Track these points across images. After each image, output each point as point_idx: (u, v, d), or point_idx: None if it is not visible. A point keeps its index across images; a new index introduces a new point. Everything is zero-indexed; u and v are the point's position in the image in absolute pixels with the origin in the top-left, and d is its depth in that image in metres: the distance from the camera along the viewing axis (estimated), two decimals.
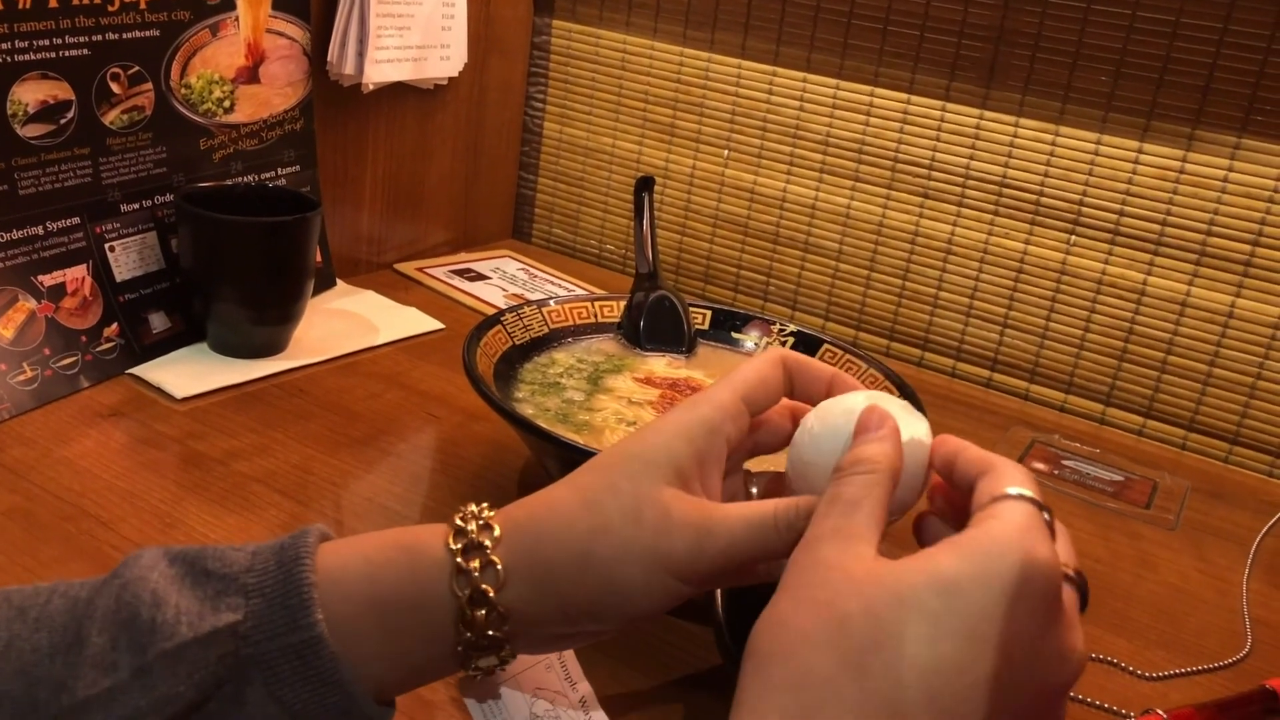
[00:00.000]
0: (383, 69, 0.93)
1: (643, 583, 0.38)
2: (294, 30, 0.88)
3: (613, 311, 0.79)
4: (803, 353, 0.73)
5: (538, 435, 0.57)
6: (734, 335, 0.79)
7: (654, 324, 0.77)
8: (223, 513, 0.63)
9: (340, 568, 0.38)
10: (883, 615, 0.32)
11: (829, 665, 0.32)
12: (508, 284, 1.06)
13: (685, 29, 1.07)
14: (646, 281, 0.79)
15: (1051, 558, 0.33)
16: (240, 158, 0.87)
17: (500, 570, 0.38)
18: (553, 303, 0.76)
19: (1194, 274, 0.89)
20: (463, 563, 0.38)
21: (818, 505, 0.37)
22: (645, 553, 0.38)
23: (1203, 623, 0.66)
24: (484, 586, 0.38)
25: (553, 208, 1.21)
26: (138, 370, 0.77)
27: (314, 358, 0.83)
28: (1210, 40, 0.85)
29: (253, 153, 0.88)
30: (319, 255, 0.85)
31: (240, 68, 0.85)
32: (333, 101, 0.94)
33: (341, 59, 0.91)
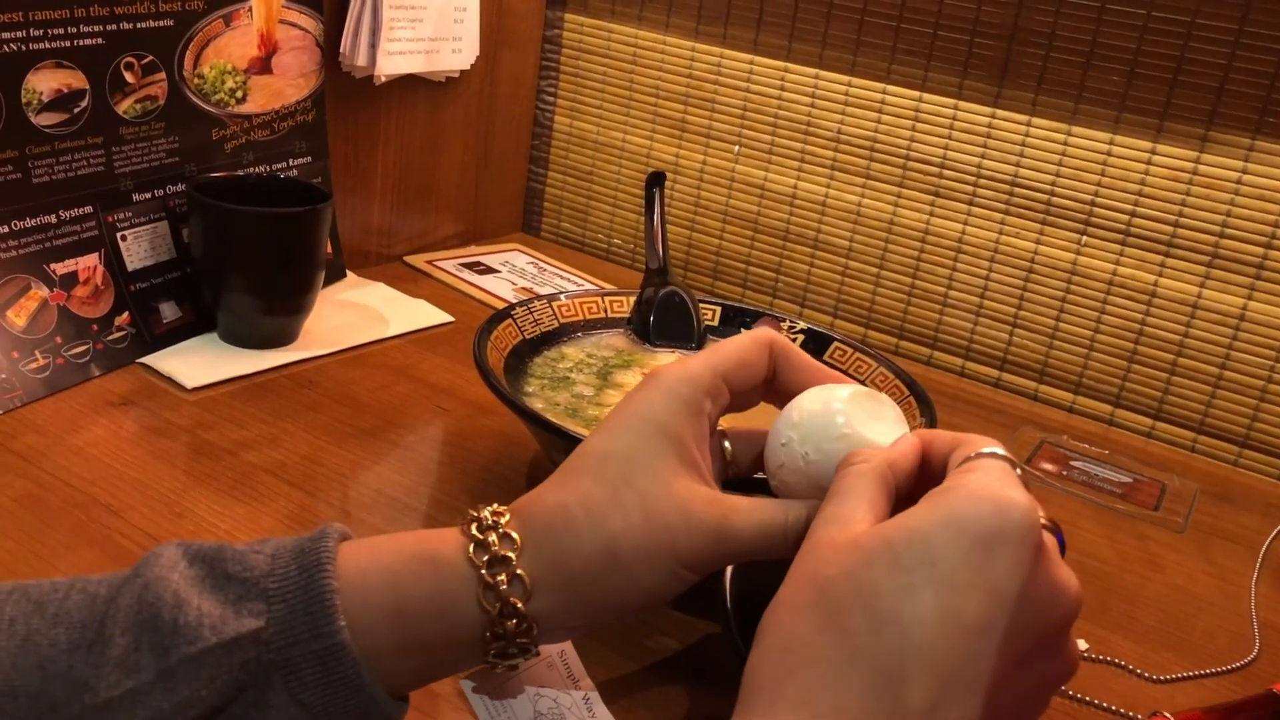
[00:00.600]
0: (395, 61, 0.93)
1: (663, 578, 0.40)
2: (307, 21, 0.88)
3: (622, 307, 0.79)
4: (812, 351, 0.73)
5: (549, 430, 0.57)
6: (744, 332, 0.79)
7: (664, 320, 0.77)
8: (231, 503, 0.63)
9: (360, 575, 0.38)
10: (859, 573, 0.33)
11: (811, 628, 0.33)
12: (517, 278, 1.06)
13: (698, 24, 1.07)
14: (656, 277, 0.79)
15: (1027, 501, 0.34)
16: (252, 148, 0.87)
17: (527, 582, 0.39)
18: (563, 297, 0.76)
19: (1206, 276, 0.89)
20: (489, 577, 0.38)
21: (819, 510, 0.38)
22: (665, 552, 0.40)
23: (1211, 626, 0.66)
24: (513, 599, 0.38)
25: (562, 201, 1.21)
26: (148, 359, 0.78)
27: (323, 349, 0.83)
28: (1225, 41, 0.84)
29: (264, 143, 0.88)
30: (329, 247, 0.85)
31: (253, 58, 0.85)
32: (344, 93, 0.94)
33: (354, 50, 0.91)
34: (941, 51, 0.95)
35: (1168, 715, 0.53)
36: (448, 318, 0.93)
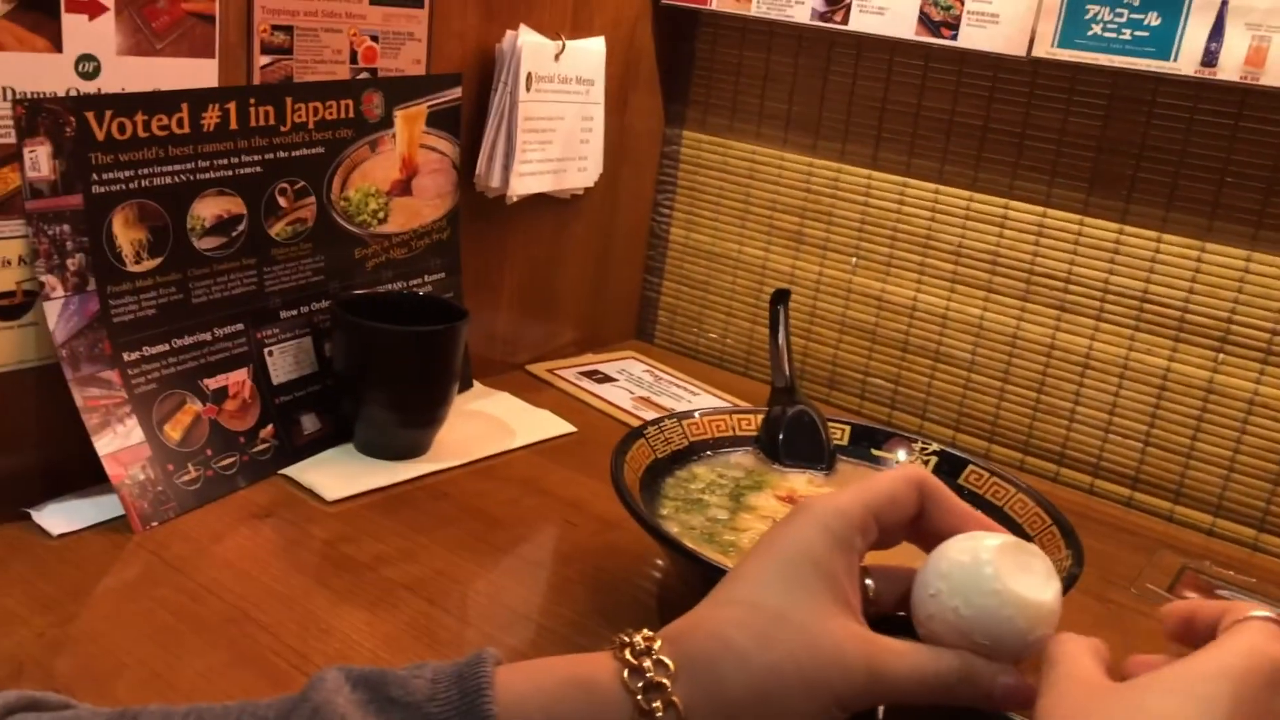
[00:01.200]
0: (526, 181, 0.97)
1: (814, 714, 0.40)
2: (445, 145, 0.92)
3: (750, 425, 0.79)
4: (946, 473, 0.72)
5: (696, 562, 0.57)
6: (874, 452, 0.78)
7: (793, 439, 0.77)
8: (374, 620, 0.64)
9: (518, 702, 0.39)
10: (1146, 704, 0.35)
11: None
12: (634, 386, 1.07)
13: (815, 140, 1.09)
14: (784, 395, 0.80)
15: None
16: (391, 266, 0.90)
17: (681, 709, 0.39)
18: (697, 415, 0.77)
19: None
20: (644, 703, 0.39)
21: (1043, 673, 0.39)
22: (821, 690, 0.40)
23: None
24: None
25: (676, 310, 1.23)
26: (289, 471, 0.80)
27: (455, 460, 0.85)
28: None
29: (402, 261, 0.91)
30: None
31: (395, 181, 0.89)
32: (477, 212, 0.98)
33: (489, 172, 0.94)
34: (1065, 168, 0.95)
35: None
36: (571, 428, 0.94)
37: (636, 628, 0.43)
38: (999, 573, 0.41)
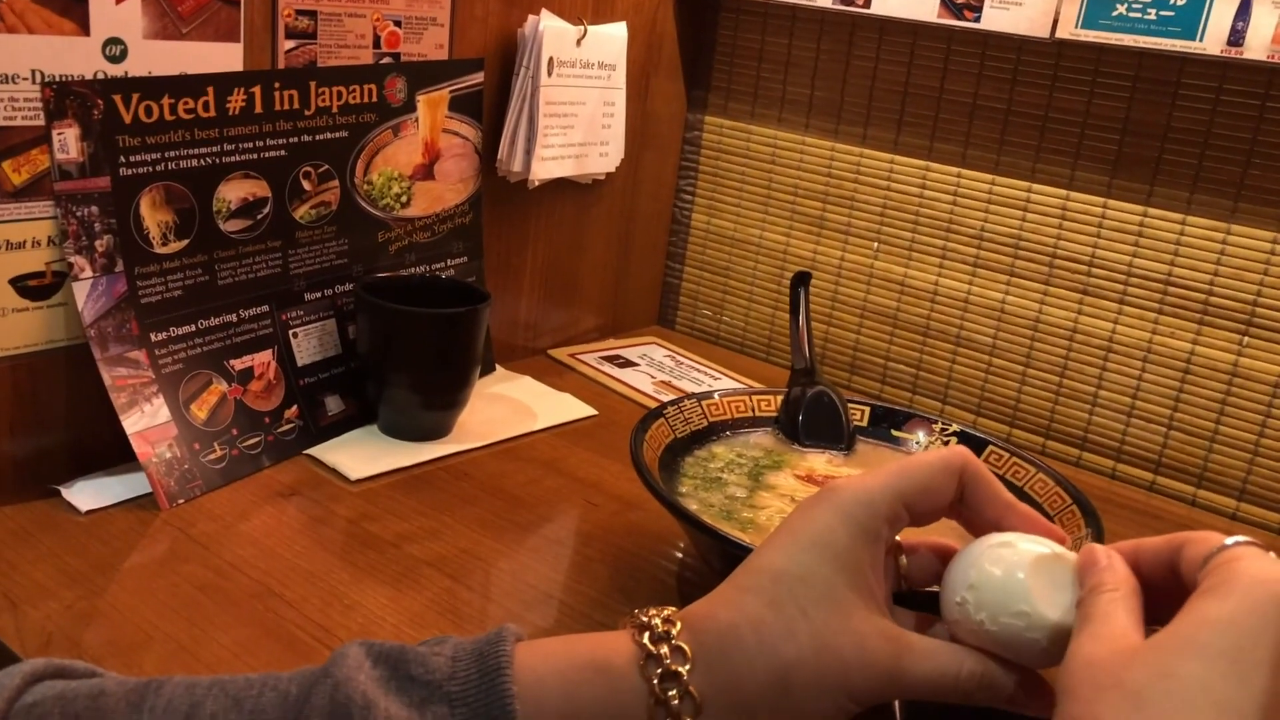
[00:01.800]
0: (548, 166, 0.97)
1: (830, 710, 0.40)
2: (467, 130, 0.93)
3: (770, 406, 0.79)
4: None
5: (713, 537, 0.58)
6: (894, 433, 0.78)
7: (812, 420, 0.77)
8: (397, 595, 0.65)
9: (537, 682, 0.39)
10: (1174, 668, 0.33)
11: None
12: (656, 371, 1.08)
13: (838, 125, 1.09)
14: (804, 377, 0.80)
15: None
16: (414, 249, 0.91)
17: (698, 699, 0.39)
18: (716, 396, 0.77)
19: None
20: (660, 692, 0.39)
21: (1074, 633, 0.38)
22: (837, 685, 0.40)
23: None
24: (685, 718, 0.39)
25: (697, 296, 1.23)
26: (314, 451, 0.81)
27: (477, 442, 0.85)
28: None
29: (425, 245, 0.92)
30: None
31: (417, 165, 0.90)
32: (499, 196, 0.98)
33: (511, 157, 0.95)
34: (1089, 151, 0.95)
35: None
36: (592, 411, 0.95)
37: (656, 606, 0.43)
38: (1030, 593, 0.40)
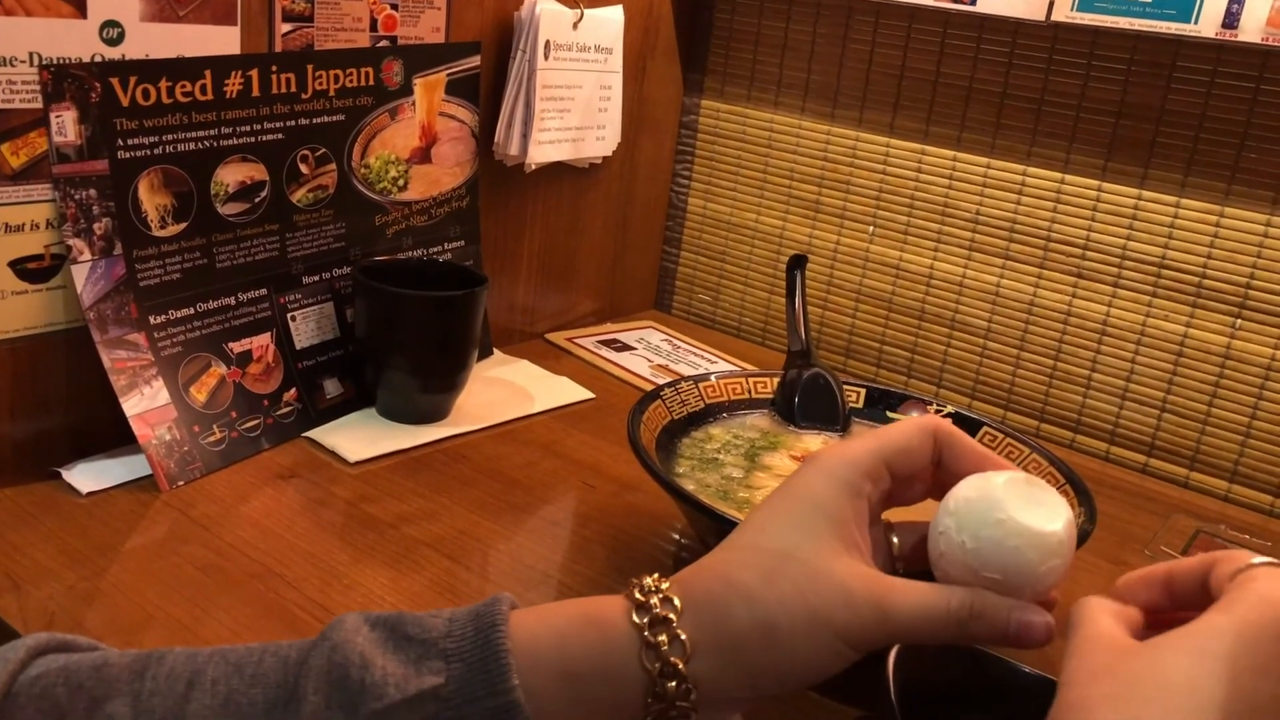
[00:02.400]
0: (544, 149, 0.97)
1: (823, 652, 0.41)
2: (464, 113, 0.93)
3: (766, 388, 0.80)
4: None
5: (709, 515, 0.58)
6: (889, 414, 0.79)
7: (808, 402, 0.78)
8: (396, 575, 0.65)
9: (531, 639, 0.40)
10: (1168, 664, 0.35)
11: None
12: (653, 355, 1.08)
13: (834, 108, 1.09)
14: (799, 359, 0.80)
15: None
16: (411, 233, 0.91)
17: (687, 643, 0.40)
18: (713, 378, 0.77)
19: None
20: (650, 637, 0.40)
21: (1074, 632, 0.39)
22: (823, 627, 0.41)
23: None
24: (673, 659, 0.40)
25: (694, 280, 1.23)
26: (312, 433, 0.81)
27: (474, 425, 0.86)
28: None
29: (422, 228, 0.92)
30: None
31: (414, 149, 0.90)
32: (495, 180, 0.98)
33: (507, 140, 0.95)
34: (1084, 134, 0.95)
35: None
36: (589, 394, 0.95)
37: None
38: (1006, 505, 0.42)
